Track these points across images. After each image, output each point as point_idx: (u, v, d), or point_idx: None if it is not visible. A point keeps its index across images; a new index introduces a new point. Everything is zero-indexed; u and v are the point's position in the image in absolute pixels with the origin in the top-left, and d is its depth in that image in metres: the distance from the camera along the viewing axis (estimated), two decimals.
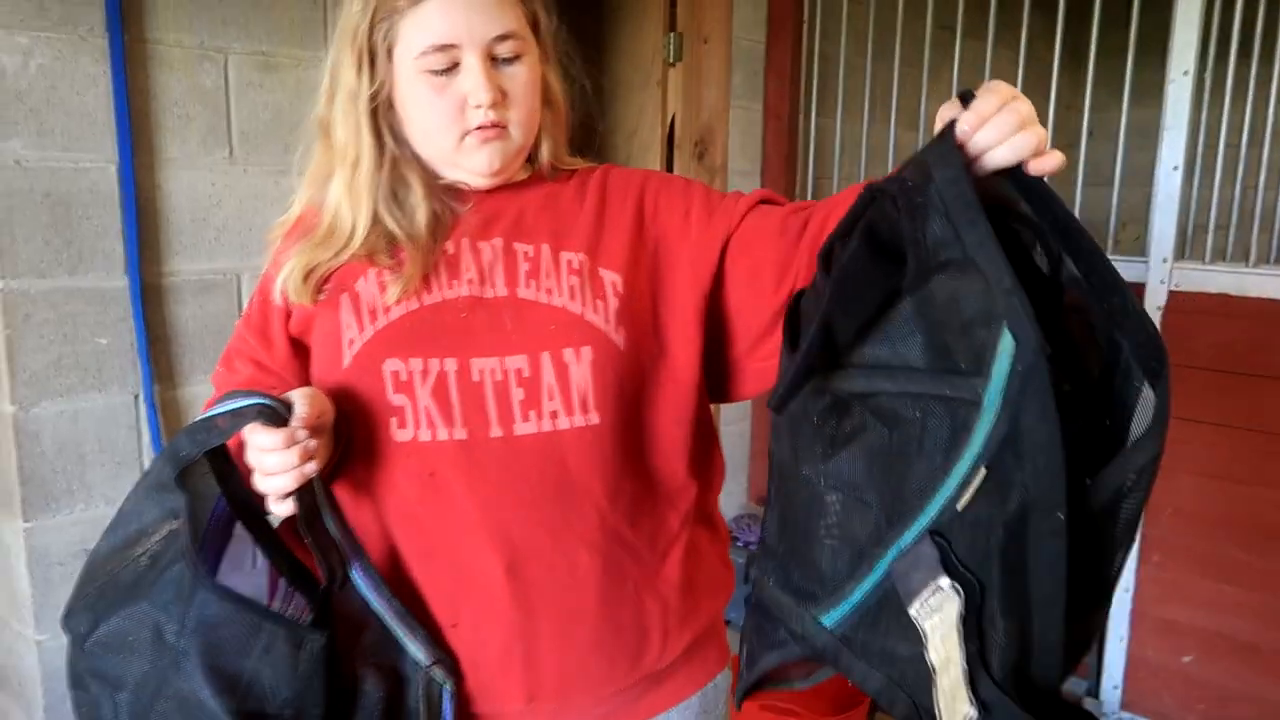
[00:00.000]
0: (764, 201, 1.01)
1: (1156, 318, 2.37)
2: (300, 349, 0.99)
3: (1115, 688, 2.51)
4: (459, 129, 0.93)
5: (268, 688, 0.83)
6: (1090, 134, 2.56)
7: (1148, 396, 0.70)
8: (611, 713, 1.00)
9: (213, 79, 1.77)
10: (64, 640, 1.70)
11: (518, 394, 0.91)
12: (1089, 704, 2.54)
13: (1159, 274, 2.37)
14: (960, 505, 0.68)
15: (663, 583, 0.99)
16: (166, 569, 0.83)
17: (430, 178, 0.97)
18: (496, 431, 0.91)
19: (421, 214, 0.95)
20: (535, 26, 0.97)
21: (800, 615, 0.78)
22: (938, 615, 0.69)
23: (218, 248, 1.81)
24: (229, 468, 0.89)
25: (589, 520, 0.93)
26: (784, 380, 0.77)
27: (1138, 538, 2.43)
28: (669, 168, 2.99)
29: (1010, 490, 0.67)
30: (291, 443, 0.83)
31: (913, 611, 0.70)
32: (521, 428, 0.91)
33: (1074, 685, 2.51)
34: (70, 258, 1.63)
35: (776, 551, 0.83)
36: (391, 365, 0.91)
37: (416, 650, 0.91)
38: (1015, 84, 2.59)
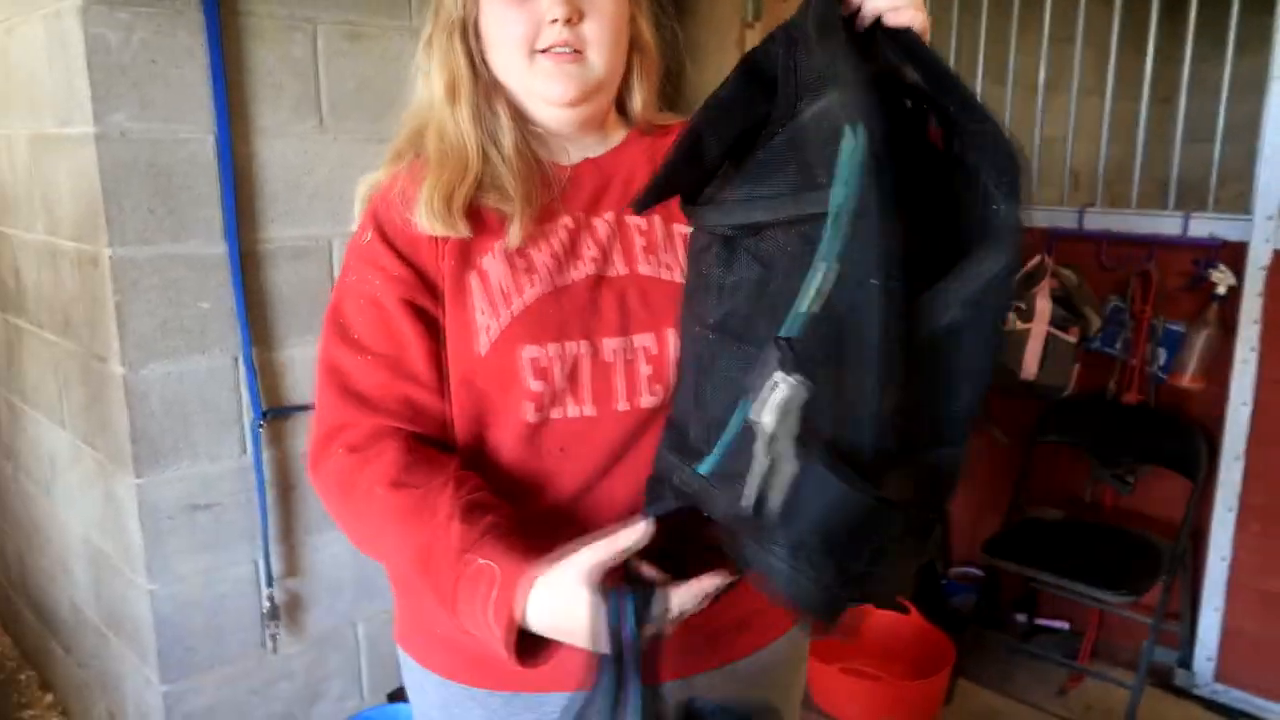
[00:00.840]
0: None
1: (1259, 278, 2.27)
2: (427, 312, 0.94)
3: (1209, 659, 2.44)
4: (531, 46, 0.91)
5: None
6: (1190, 88, 2.45)
7: (1007, 214, 0.69)
8: (703, 651, 1.01)
9: (302, 49, 1.81)
10: (174, 589, 1.79)
11: (645, 370, 0.93)
12: (1180, 675, 2.48)
13: (1264, 232, 2.26)
14: (805, 308, 0.67)
15: None
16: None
17: (518, 115, 0.96)
18: (623, 405, 0.92)
19: (509, 142, 0.94)
20: None
21: (681, 469, 0.80)
22: (774, 407, 0.68)
23: (310, 215, 1.86)
24: None
25: None
26: (646, 187, 0.83)
27: (1235, 506, 2.36)
28: None
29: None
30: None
31: (751, 414, 0.69)
32: (646, 400, 0.93)
33: (1164, 656, 2.45)
34: (173, 225, 1.70)
35: (675, 419, 0.86)
36: (529, 352, 0.91)
37: None
38: (1110, 37, 2.49)
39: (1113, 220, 2.51)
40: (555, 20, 0.90)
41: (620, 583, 0.79)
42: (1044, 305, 2.44)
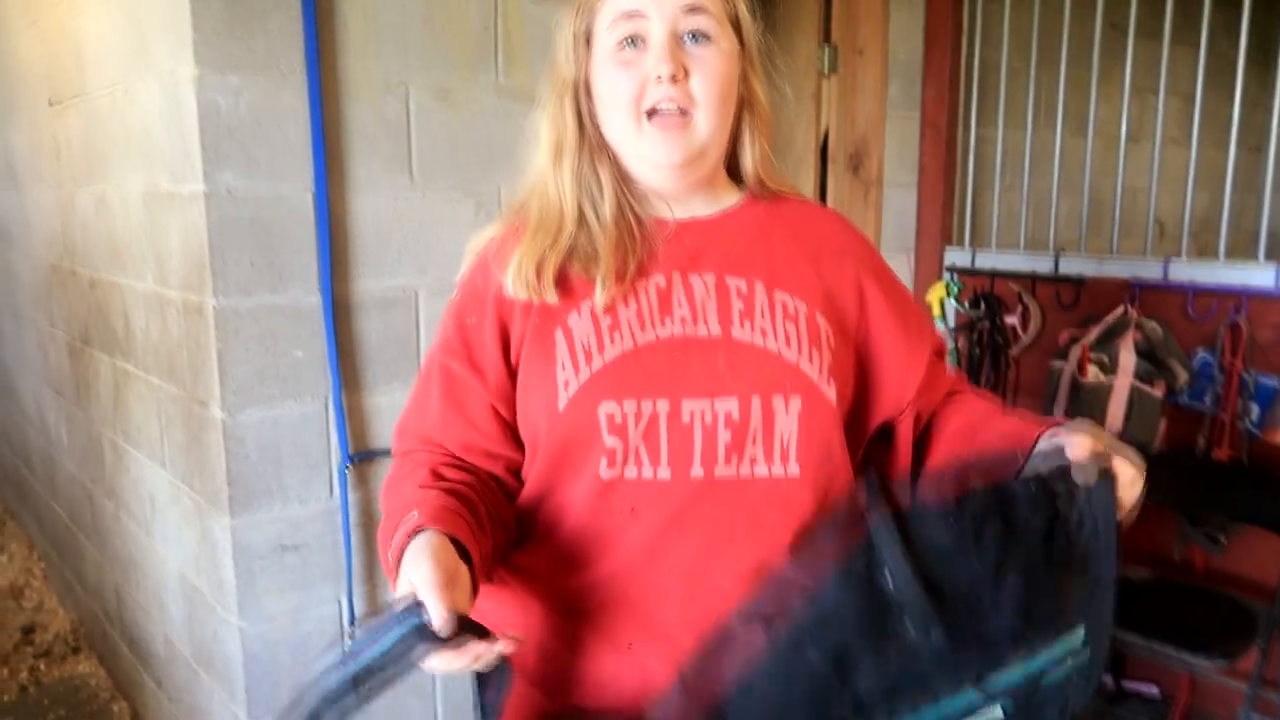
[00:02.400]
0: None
1: None
2: (511, 370, 0.98)
3: None
4: (641, 106, 0.94)
5: None
6: None
7: None
8: None
9: (395, 109, 1.90)
10: (263, 627, 1.86)
11: (724, 436, 0.92)
12: None
13: None
14: None
15: None
16: None
17: (621, 175, 0.99)
18: (697, 472, 0.92)
19: (608, 205, 0.97)
20: (737, 24, 0.97)
21: None
22: None
23: (398, 266, 1.94)
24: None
25: (765, 562, 0.94)
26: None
27: None
28: (823, 181, 2.98)
29: None
30: (461, 655, 0.80)
31: None
32: (721, 470, 0.92)
33: None
34: (272, 277, 1.79)
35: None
36: (606, 408, 0.92)
37: None
38: (1196, 83, 2.45)
39: (1199, 271, 2.46)
40: (660, 78, 0.92)
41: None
42: (1128, 359, 2.39)
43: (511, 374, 0.98)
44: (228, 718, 1.98)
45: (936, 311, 2.77)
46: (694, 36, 0.94)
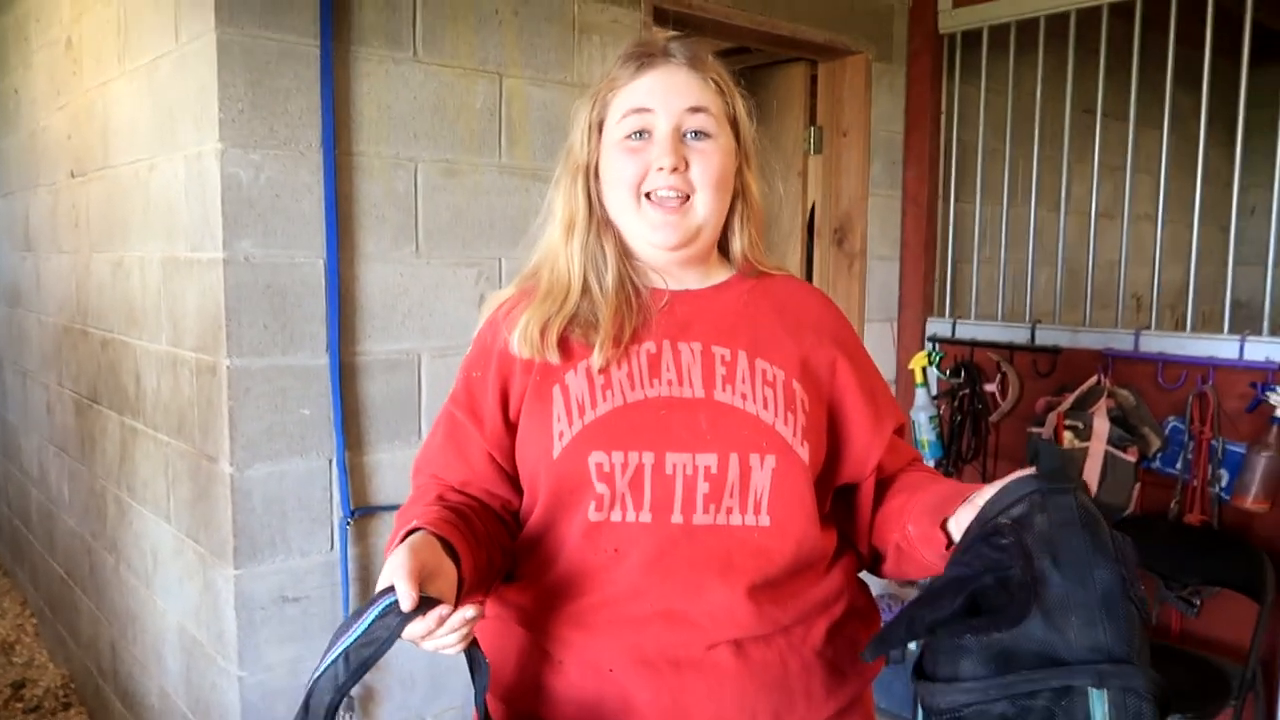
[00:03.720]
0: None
1: None
2: (508, 421, 1.08)
3: None
4: (641, 189, 1.05)
5: None
6: (1253, 211, 2.53)
7: None
8: None
9: (404, 184, 2.02)
10: (262, 677, 1.90)
11: (703, 487, 1.02)
12: None
13: None
14: None
15: (808, 651, 1.07)
16: None
17: (624, 250, 1.10)
18: (677, 519, 1.02)
19: (611, 277, 1.07)
20: (734, 124, 1.08)
21: None
22: None
23: (403, 331, 2.04)
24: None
25: (741, 599, 1.03)
26: (880, 635, 0.89)
27: None
28: (809, 254, 3.11)
29: None
30: (438, 626, 0.87)
31: None
32: (699, 518, 1.02)
33: None
34: (283, 339, 1.89)
35: None
36: (596, 457, 1.02)
37: None
38: (1161, 162, 2.59)
39: (1168, 343, 2.57)
40: (663, 168, 1.03)
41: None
42: (1101, 425, 2.49)
43: (509, 425, 1.08)
44: None
45: (919, 379, 2.87)
46: (695, 134, 1.05)
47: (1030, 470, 0.91)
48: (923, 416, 2.85)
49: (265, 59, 1.82)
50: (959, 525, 0.96)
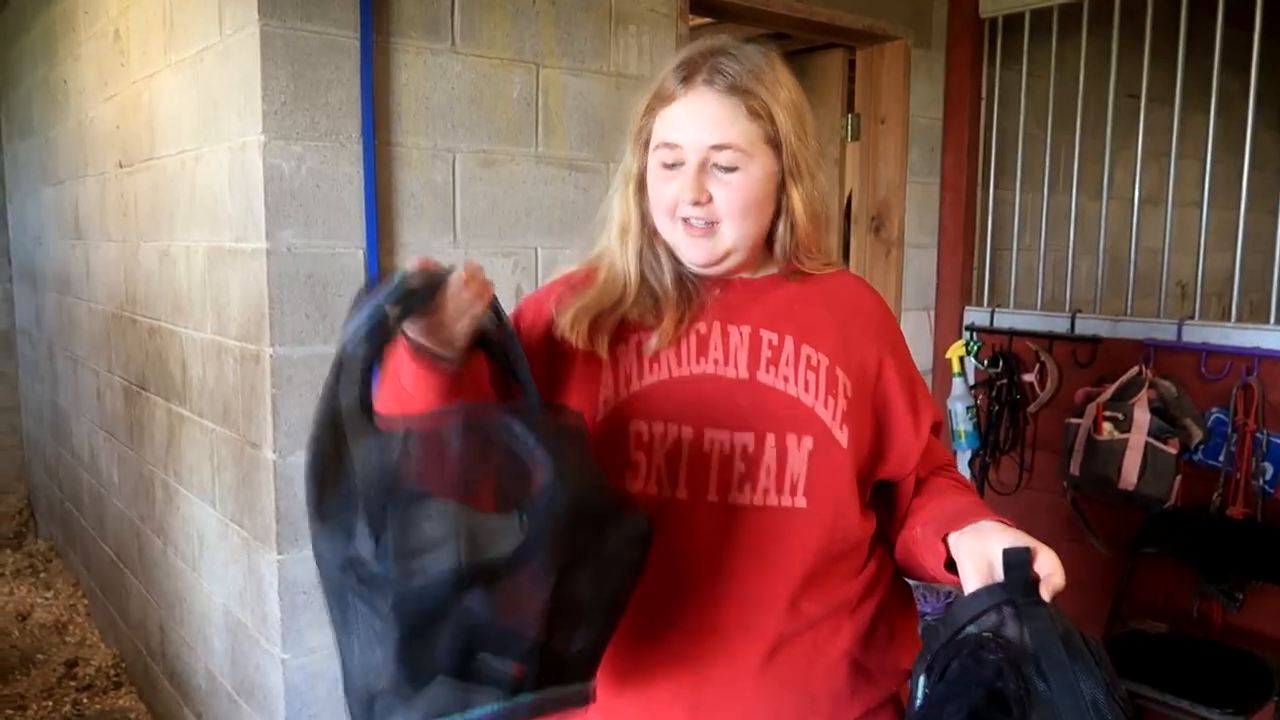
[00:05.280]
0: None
1: None
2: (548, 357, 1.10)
3: None
4: (676, 214, 1.07)
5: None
6: None
7: None
8: None
9: (442, 175, 2.05)
10: (304, 659, 1.94)
11: (739, 467, 1.03)
12: None
13: None
14: None
15: (836, 651, 1.07)
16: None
17: (674, 254, 1.11)
18: (713, 497, 1.03)
19: (669, 277, 1.09)
20: (775, 144, 1.07)
21: None
22: None
23: None
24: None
25: (773, 587, 1.04)
26: None
27: None
28: (846, 241, 3.09)
29: None
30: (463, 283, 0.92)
31: None
32: (735, 497, 1.03)
33: None
34: (324, 329, 1.92)
35: None
36: (636, 426, 1.04)
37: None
38: (1207, 147, 2.54)
39: (1212, 333, 2.53)
40: (684, 202, 1.05)
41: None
42: (1142, 416, 2.46)
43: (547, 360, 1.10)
44: None
45: (956, 369, 2.85)
46: (722, 168, 1.05)
47: (997, 580, 0.93)
48: (960, 406, 2.83)
49: (307, 51, 1.85)
50: (958, 546, 0.99)
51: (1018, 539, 0.95)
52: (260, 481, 1.97)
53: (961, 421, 2.82)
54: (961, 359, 2.87)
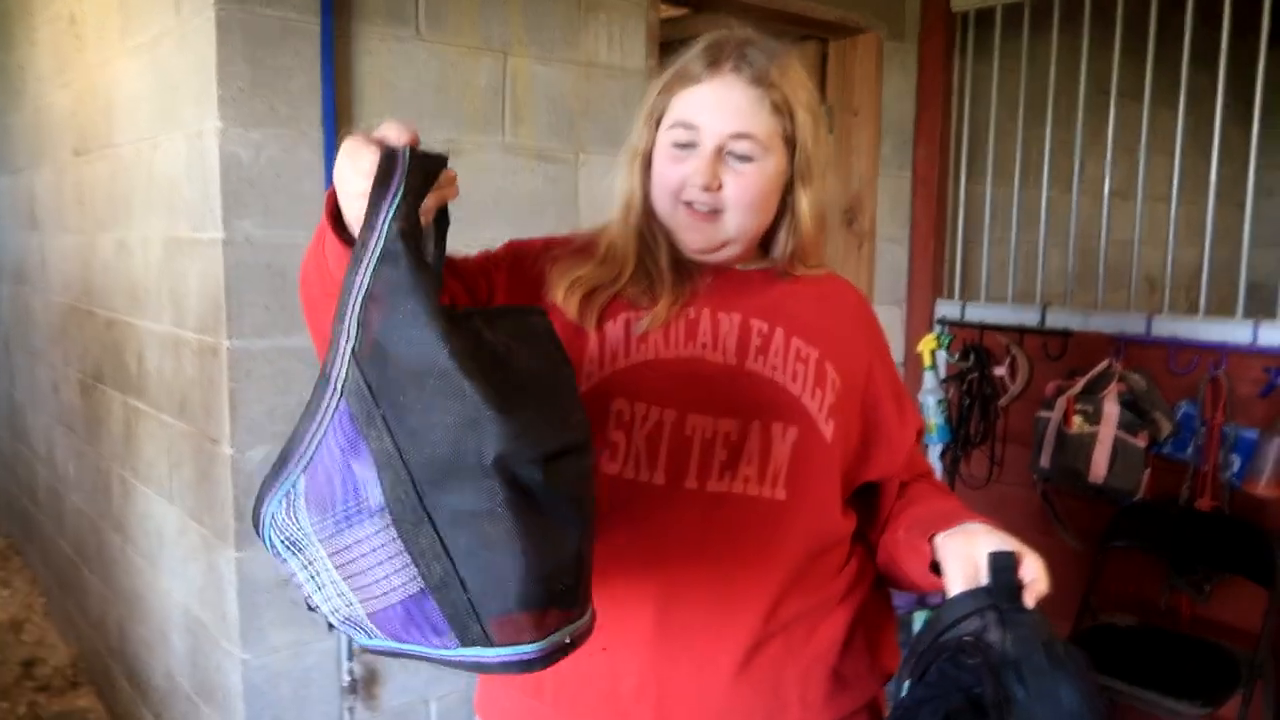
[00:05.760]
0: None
1: None
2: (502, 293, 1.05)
3: None
4: (677, 197, 1.04)
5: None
6: (1270, 193, 2.49)
7: None
8: None
9: None
10: (265, 659, 1.89)
11: (720, 454, 1.00)
12: None
13: None
14: None
15: (809, 654, 1.04)
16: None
17: (671, 237, 1.09)
18: (692, 484, 1.00)
19: (665, 259, 1.07)
20: (791, 143, 1.05)
21: None
22: None
23: None
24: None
25: (748, 583, 1.01)
26: None
27: None
28: None
29: None
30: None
31: None
32: (714, 485, 1.00)
33: None
34: (285, 321, 1.87)
35: None
36: (617, 405, 1.01)
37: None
38: (1176, 142, 2.55)
39: (1181, 327, 2.54)
40: (694, 185, 1.03)
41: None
42: (1112, 409, 2.46)
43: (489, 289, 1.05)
44: None
45: (927, 362, 2.84)
46: (737, 157, 1.03)
47: (982, 583, 0.93)
48: (930, 400, 2.83)
49: (266, 36, 1.79)
50: (945, 547, 0.98)
51: (1004, 542, 0.94)
52: (219, 478, 1.92)
53: (933, 415, 2.82)
54: (933, 352, 2.86)
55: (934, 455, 2.94)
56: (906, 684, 0.95)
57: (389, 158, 0.78)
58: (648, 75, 2.32)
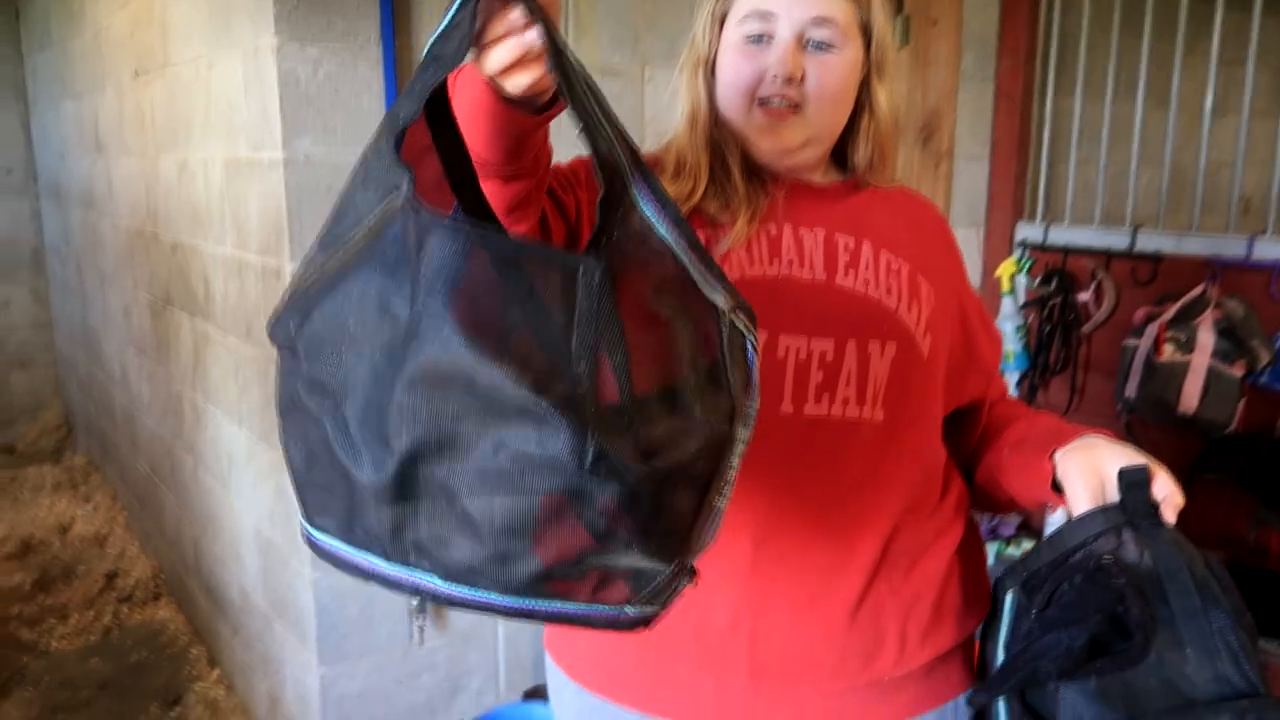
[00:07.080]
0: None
1: None
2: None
3: None
4: (752, 96, 0.97)
5: (545, 338, 0.61)
6: None
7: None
8: (838, 713, 0.99)
9: None
10: (334, 579, 1.92)
11: (816, 376, 0.94)
12: None
13: None
14: None
15: (909, 590, 0.99)
16: (385, 231, 0.62)
17: (744, 146, 1.02)
18: (787, 408, 0.94)
19: (738, 170, 1.00)
20: (867, 33, 0.99)
21: None
22: None
23: None
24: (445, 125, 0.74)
25: (846, 511, 0.96)
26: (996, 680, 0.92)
27: None
28: None
29: None
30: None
31: None
32: (811, 409, 0.94)
33: None
34: None
35: None
36: None
37: (713, 293, 0.69)
38: None
39: None
40: (777, 77, 0.96)
41: None
42: (1206, 337, 2.33)
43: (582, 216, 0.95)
44: (299, 664, 2.06)
45: (1006, 287, 2.72)
46: (817, 45, 0.96)
47: (1113, 500, 0.88)
48: (1009, 326, 2.71)
49: None
50: (1066, 462, 0.93)
51: (1131, 456, 0.89)
52: None
53: (1010, 342, 2.71)
54: (1012, 277, 2.74)
55: (1011, 383, 2.83)
56: (1009, 599, 0.89)
57: None
58: None
